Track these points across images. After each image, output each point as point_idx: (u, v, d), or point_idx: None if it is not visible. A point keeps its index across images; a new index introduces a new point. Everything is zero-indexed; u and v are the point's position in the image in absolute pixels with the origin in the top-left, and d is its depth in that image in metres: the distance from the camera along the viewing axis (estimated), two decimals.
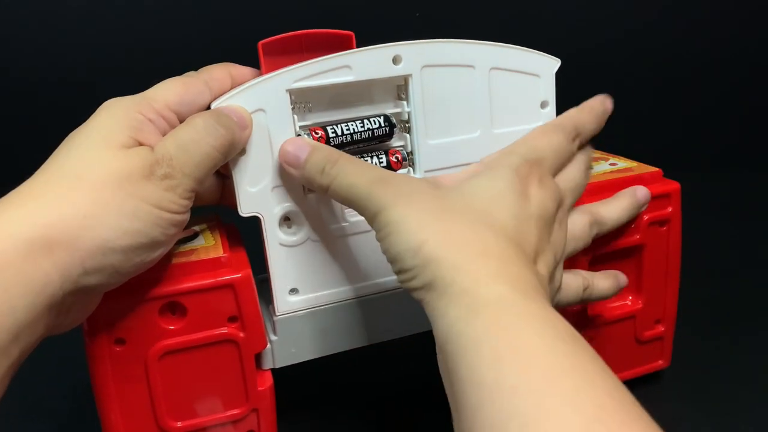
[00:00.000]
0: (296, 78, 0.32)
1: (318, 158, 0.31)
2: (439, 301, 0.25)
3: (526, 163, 0.31)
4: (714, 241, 0.59)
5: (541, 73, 0.36)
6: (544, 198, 0.30)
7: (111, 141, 0.28)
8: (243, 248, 0.35)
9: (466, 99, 0.35)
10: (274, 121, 0.32)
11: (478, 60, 0.35)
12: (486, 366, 0.22)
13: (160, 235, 0.28)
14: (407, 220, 0.27)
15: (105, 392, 0.31)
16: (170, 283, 0.31)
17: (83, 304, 0.28)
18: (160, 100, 0.31)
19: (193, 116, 0.30)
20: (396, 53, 0.33)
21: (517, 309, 0.24)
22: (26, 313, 0.24)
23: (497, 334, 0.23)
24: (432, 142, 0.35)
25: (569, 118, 0.34)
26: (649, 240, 0.39)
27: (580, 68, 0.37)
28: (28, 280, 0.24)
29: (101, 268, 0.26)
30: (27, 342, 0.25)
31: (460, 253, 0.26)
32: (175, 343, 0.32)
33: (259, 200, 0.33)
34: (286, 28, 0.34)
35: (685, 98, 0.80)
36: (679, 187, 0.39)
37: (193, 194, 0.30)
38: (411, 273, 0.27)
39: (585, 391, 0.21)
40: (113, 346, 0.31)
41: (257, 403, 0.34)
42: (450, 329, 0.24)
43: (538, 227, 0.29)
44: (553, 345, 0.23)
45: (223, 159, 0.30)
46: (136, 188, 0.27)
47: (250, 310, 0.33)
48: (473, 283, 0.25)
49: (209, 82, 0.33)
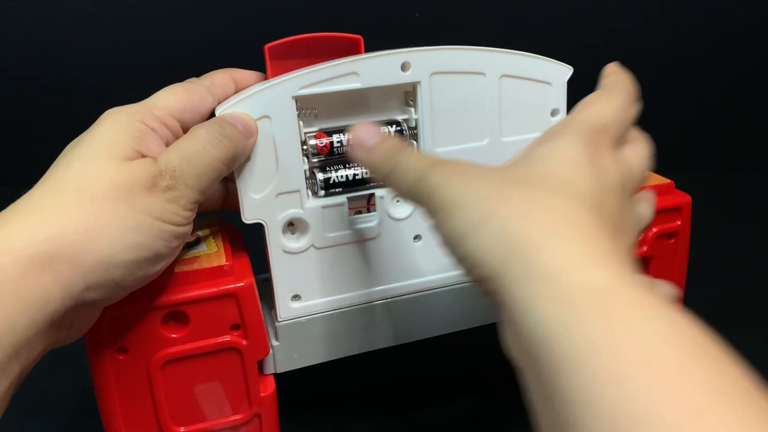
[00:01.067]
0: (302, 85, 0.32)
1: (386, 146, 0.28)
2: (519, 292, 0.20)
3: (594, 130, 0.25)
4: (714, 241, 0.59)
5: (552, 81, 0.36)
6: (618, 170, 0.25)
7: (113, 152, 0.27)
8: (246, 254, 0.34)
9: (475, 106, 0.35)
10: (280, 128, 0.32)
11: (489, 67, 0.34)
12: (604, 387, 0.17)
13: (163, 248, 0.28)
14: (467, 195, 0.23)
15: (108, 399, 0.31)
16: (173, 292, 0.31)
17: (85, 318, 0.28)
18: (162, 107, 0.30)
19: (197, 127, 0.30)
20: (405, 60, 0.33)
21: (630, 303, 0.19)
22: (26, 330, 0.24)
23: (613, 342, 0.17)
24: (439, 150, 0.35)
25: (619, 83, 0.29)
26: (657, 252, 0.38)
27: (579, 69, 0.36)
28: (28, 297, 0.24)
29: (103, 283, 0.26)
30: (28, 359, 0.25)
31: (542, 225, 0.21)
32: (177, 352, 0.32)
33: (263, 207, 0.33)
34: (287, 27, 0.34)
35: (684, 98, 0.79)
36: (689, 201, 0.38)
37: (197, 206, 0.29)
38: (476, 257, 0.21)
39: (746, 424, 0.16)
40: (116, 354, 0.31)
41: (260, 409, 0.34)
42: (542, 332, 0.19)
43: (619, 200, 0.24)
44: (692, 355, 0.17)
45: (227, 170, 0.30)
46: (138, 201, 0.27)
47: (252, 319, 0.32)
48: (566, 265, 0.19)
49: (212, 88, 0.32)
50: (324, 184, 0.33)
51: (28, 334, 0.24)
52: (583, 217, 0.21)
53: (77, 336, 0.28)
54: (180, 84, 0.32)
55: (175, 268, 0.32)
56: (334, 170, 0.34)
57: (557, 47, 0.58)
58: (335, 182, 0.34)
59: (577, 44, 0.77)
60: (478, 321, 0.38)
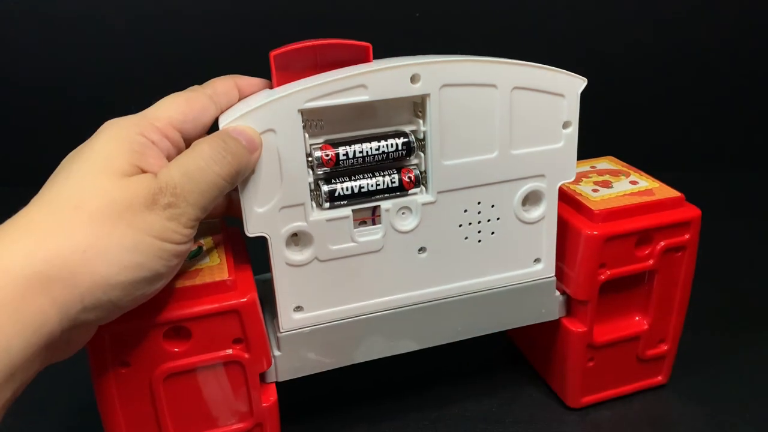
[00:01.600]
0: (309, 98, 0.31)
1: None
2: None
3: None
4: (714, 241, 0.58)
5: (565, 93, 0.35)
6: None
7: (111, 168, 0.27)
8: (249, 266, 0.34)
9: (486, 118, 0.34)
10: (285, 141, 0.31)
11: (501, 79, 0.33)
12: None
13: (162, 267, 0.27)
14: None
15: (111, 412, 0.31)
16: (175, 308, 0.31)
17: (81, 336, 0.28)
18: (163, 118, 0.29)
19: (199, 141, 0.29)
20: (415, 72, 0.32)
21: None
22: (22, 352, 0.23)
23: None
24: (447, 163, 0.34)
25: None
26: (663, 265, 0.38)
27: (578, 68, 0.35)
28: (24, 319, 0.23)
29: (100, 305, 0.26)
30: (22, 380, 0.24)
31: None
32: (179, 365, 0.32)
33: (266, 221, 0.32)
34: (288, 27, 0.32)
35: (685, 98, 0.78)
36: (699, 215, 0.38)
37: (197, 223, 0.29)
38: None
39: None
40: (118, 368, 0.31)
41: (261, 419, 0.34)
42: None
43: None
44: None
45: (230, 186, 0.29)
46: (137, 219, 0.26)
47: (255, 333, 0.32)
48: None
49: (214, 97, 0.31)
50: (329, 196, 0.33)
51: (24, 355, 0.24)
52: None
53: (73, 352, 0.28)
54: (181, 93, 0.31)
55: (177, 283, 0.31)
56: (339, 182, 0.33)
57: (557, 46, 0.57)
58: (340, 195, 0.33)
59: (573, 45, 0.76)
60: (480, 331, 0.38)
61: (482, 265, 0.37)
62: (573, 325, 0.39)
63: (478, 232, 0.36)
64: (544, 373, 0.43)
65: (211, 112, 0.31)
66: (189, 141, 0.31)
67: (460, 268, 0.36)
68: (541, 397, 0.42)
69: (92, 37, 0.75)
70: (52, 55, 0.76)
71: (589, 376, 0.40)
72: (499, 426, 0.40)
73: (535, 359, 0.44)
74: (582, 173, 0.41)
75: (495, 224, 0.36)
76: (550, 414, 0.41)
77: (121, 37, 0.75)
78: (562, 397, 0.41)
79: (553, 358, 0.41)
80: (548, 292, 0.39)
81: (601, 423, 0.40)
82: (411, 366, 0.44)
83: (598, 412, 0.41)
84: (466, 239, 0.36)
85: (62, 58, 0.76)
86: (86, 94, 0.76)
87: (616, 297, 0.39)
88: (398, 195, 0.34)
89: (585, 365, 0.40)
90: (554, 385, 0.42)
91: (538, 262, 0.38)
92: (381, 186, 0.34)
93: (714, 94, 0.78)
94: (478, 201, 0.35)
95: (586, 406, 0.41)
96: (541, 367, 0.44)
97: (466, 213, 0.35)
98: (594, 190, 0.39)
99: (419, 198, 0.34)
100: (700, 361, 0.45)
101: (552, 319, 0.39)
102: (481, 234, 0.36)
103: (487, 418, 0.40)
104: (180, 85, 0.33)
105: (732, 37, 0.76)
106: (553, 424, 0.40)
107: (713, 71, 0.77)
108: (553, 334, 0.40)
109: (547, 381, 0.43)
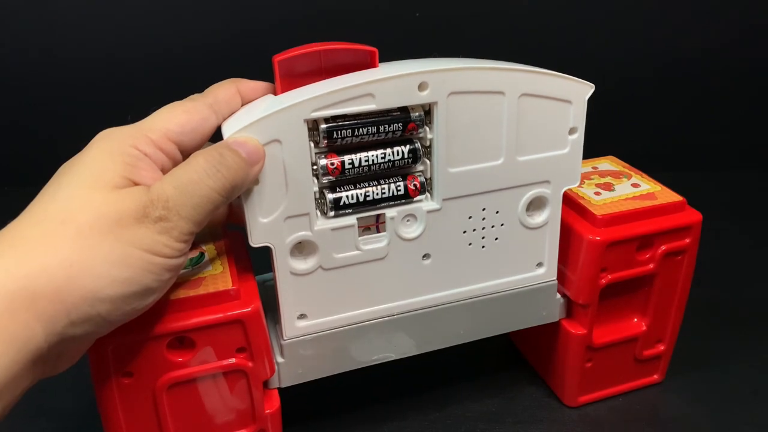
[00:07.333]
0: (315, 107, 0.30)
1: None
2: None
3: None
4: (713, 241, 0.59)
5: (573, 99, 0.34)
6: None
7: (101, 181, 0.26)
8: (252, 274, 0.34)
9: (493, 125, 0.33)
10: (290, 152, 0.30)
11: (509, 86, 0.33)
12: None
13: (153, 282, 0.27)
14: None
15: (114, 422, 0.31)
16: (178, 318, 0.30)
17: (73, 350, 0.27)
18: (159, 130, 0.29)
19: (196, 154, 0.28)
20: (422, 80, 0.31)
21: None
22: (8, 369, 0.23)
23: None
24: (453, 170, 0.34)
25: None
26: (663, 269, 0.38)
27: (578, 69, 0.35)
28: (9, 336, 0.23)
29: (88, 319, 0.25)
30: (11, 396, 0.24)
31: None
32: (182, 375, 0.31)
33: (271, 231, 0.32)
34: (290, 27, 0.31)
35: (685, 98, 0.78)
36: (700, 219, 0.38)
37: (191, 237, 0.28)
38: None
39: None
40: (120, 379, 0.30)
41: (264, 425, 0.34)
42: None
43: None
44: None
45: (225, 201, 0.28)
46: (126, 233, 0.25)
47: (259, 342, 0.32)
48: None
49: (215, 106, 0.31)
50: (334, 205, 0.32)
51: (10, 373, 0.23)
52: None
53: (64, 368, 0.27)
54: (180, 102, 0.30)
55: (181, 293, 0.31)
56: (344, 190, 0.33)
57: (558, 46, 0.56)
58: (345, 203, 0.32)
59: (572, 45, 0.75)
60: (482, 334, 0.39)
61: (485, 270, 0.37)
62: (573, 327, 0.39)
63: (482, 238, 0.36)
64: (542, 373, 0.44)
65: (211, 122, 0.30)
66: (188, 152, 0.30)
67: (464, 274, 0.36)
68: (542, 397, 0.43)
69: (93, 37, 0.73)
70: (53, 56, 0.74)
71: (587, 376, 0.41)
72: (499, 426, 0.40)
73: (535, 359, 0.45)
74: (584, 174, 0.41)
75: (499, 230, 0.36)
76: (550, 414, 0.41)
77: (122, 37, 0.73)
78: (560, 395, 0.42)
79: (552, 359, 0.42)
80: (550, 296, 0.39)
81: (602, 422, 0.41)
82: (411, 366, 0.44)
83: (598, 412, 0.41)
84: (470, 245, 0.36)
85: (62, 58, 0.74)
86: (87, 95, 0.74)
87: (616, 299, 0.39)
88: (403, 203, 0.34)
89: (583, 366, 0.40)
90: (552, 384, 0.43)
91: (540, 266, 0.38)
92: (386, 194, 0.33)
93: (714, 94, 0.77)
94: (483, 207, 0.35)
95: (583, 405, 0.42)
96: (540, 366, 0.44)
97: (470, 219, 0.35)
98: (596, 193, 0.39)
99: (424, 205, 0.34)
100: (697, 359, 0.45)
101: (552, 321, 0.40)
102: (485, 240, 0.36)
103: (488, 418, 0.41)
104: (181, 87, 0.32)
105: (732, 37, 0.75)
106: (553, 424, 0.40)
107: (713, 71, 0.77)
108: (553, 336, 0.41)
109: (545, 380, 0.44)
